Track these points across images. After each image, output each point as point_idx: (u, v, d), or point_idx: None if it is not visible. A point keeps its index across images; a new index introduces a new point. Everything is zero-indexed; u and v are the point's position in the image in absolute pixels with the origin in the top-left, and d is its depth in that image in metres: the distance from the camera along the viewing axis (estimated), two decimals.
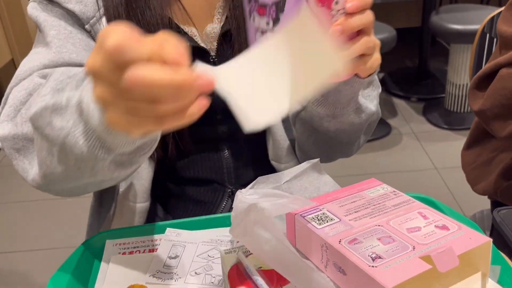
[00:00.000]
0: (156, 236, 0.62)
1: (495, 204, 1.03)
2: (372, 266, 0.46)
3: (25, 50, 2.82)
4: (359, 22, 0.51)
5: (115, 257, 0.60)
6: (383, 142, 2.45)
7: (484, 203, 1.15)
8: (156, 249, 0.60)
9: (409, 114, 2.68)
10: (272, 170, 0.79)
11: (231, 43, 0.73)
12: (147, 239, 0.62)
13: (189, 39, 0.73)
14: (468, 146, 1.10)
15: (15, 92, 0.63)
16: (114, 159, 0.50)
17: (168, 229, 0.62)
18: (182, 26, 0.73)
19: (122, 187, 0.76)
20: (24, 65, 0.67)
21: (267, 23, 0.50)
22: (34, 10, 0.70)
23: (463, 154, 1.11)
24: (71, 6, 0.68)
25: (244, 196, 0.55)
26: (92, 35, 0.70)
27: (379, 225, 0.52)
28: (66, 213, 2.04)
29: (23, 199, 2.20)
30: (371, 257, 0.47)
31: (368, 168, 2.26)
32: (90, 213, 0.86)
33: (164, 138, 0.74)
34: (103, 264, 0.59)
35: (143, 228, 0.64)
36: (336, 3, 0.50)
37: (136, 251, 0.60)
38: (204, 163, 0.82)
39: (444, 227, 0.51)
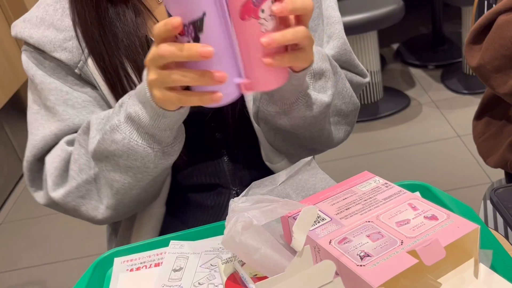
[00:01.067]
0: (161, 250, 0.64)
1: (510, 176, 1.01)
2: (360, 266, 0.47)
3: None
4: (291, 36, 0.51)
5: (123, 274, 0.62)
6: (403, 115, 2.42)
7: None
8: (161, 263, 0.62)
9: (427, 83, 2.63)
10: (269, 169, 0.81)
11: None
12: (152, 253, 0.64)
13: None
14: (477, 116, 1.07)
15: (49, 162, 0.74)
16: (162, 150, 0.66)
17: (171, 241, 0.64)
18: None
19: None
20: (36, 135, 0.76)
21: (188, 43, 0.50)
22: (28, 66, 0.77)
23: (473, 124, 1.09)
24: (58, 55, 0.74)
25: (236, 205, 0.57)
26: (82, 76, 0.76)
27: (369, 221, 0.53)
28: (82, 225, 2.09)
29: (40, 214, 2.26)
30: (359, 256, 0.48)
31: (391, 143, 2.24)
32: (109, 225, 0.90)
33: None
34: (112, 282, 0.61)
35: (149, 243, 0.66)
36: (263, 11, 0.49)
37: (143, 267, 0.62)
38: (207, 169, 0.85)
39: (433, 217, 0.51)
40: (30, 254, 2.04)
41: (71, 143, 0.75)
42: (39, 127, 0.76)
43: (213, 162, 0.84)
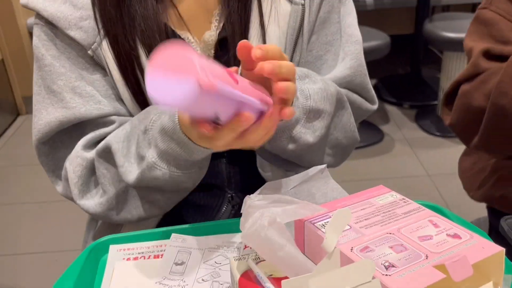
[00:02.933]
0: (161, 242, 0.61)
1: (493, 211, 1.03)
2: (386, 275, 0.46)
3: (16, 51, 2.78)
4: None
5: (119, 263, 0.58)
6: (375, 148, 2.46)
7: (479, 210, 1.15)
8: (161, 255, 0.59)
9: (401, 120, 2.70)
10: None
11: (227, 49, 0.74)
12: (152, 244, 0.61)
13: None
14: (466, 153, 1.10)
15: (71, 171, 0.73)
16: (199, 166, 0.70)
17: (173, 234, 0.61)
18: (178, 32, 0.73)
19: None
20: (40, 118, 0.74)
21: None
22: (39, 44, 0.73)
23: (461, 160, 1.11)
24: (72, 33, 0.71)
25: (253, 202, 0.54)
26: (95, 59, 0.73)
27: (390, 233, 0.52)
28: (68, 216, 2.00)
29: (15, 201, 2.17)
30: (384, 266, 0.47)
31: (361, 175, 2.26)
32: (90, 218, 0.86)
33: None
34: (107, 270, 0.57)
35: (148, 233, 0.63)
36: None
37: (141, 257, 0.59)
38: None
39: (456, 236, 0.51)
40: None
41: (87, 146, 0.74)
42: (41, 109, 0.74)
43: (212, 163, 0.82)
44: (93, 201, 0.73)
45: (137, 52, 0.71)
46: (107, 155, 0.71)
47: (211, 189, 0.83)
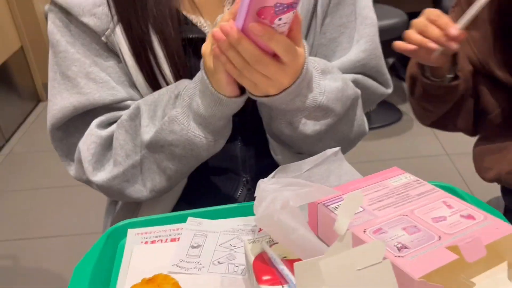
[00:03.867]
0: (178, 225, 0.62)
1: (505, 191, 1.02)
2: (399, 256, 0.46)
3: (35, 37, 2.81)
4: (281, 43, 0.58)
5: (137, 246, 0.60)
6: (394, 128, 2.44)
7: (497, 188, 1.14)
8: (178, 239, 0.60)
9: None
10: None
11: None
12: (168, 228, 0.62)
13: (198, 30, 0.73)
14: (480, 137, 1.09)
15: (84, 149, 0.74)
16: (215, 139, 0.70)
17: (189, 218, 0.62)
18: (190, 17, 0.73)
19: None
20: (55, 103, 0.75)
21: None
22: (54, 31, 0.74)
23: (475, 144, 1.10)
24: (86, 20, 0.72)
25: (266, 185, 0.55)
26: (108, 45, 0.74)
27: (403, 215, 0.52)
28: (89, 199, 2.04)
29: (37, 186, 2.22)
30: (396, 247, 0.47)
31: (379, 155, 2.25)
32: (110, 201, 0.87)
33: None
34: (126, 254, 0.59)
35: (165, 217, 0.64)
36: (280, 19, 0.55)
37: (158, 241, 0.60)
38: (222, 152, 0.83)
39: (469, 217, 0.51)
40: (1, 228, 1.98)
41: (101, 125, 0.75)
42: (56, 95, 0.75)
43: (227, 147, 0.83)
44: (106, 175, 0.73)
45: (149, 37, 0.72)
46: (131, 123, 0.71)
47: (226, 173, 0.83)
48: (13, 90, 2.80)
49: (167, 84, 0.73)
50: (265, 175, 0.60)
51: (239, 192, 0.83)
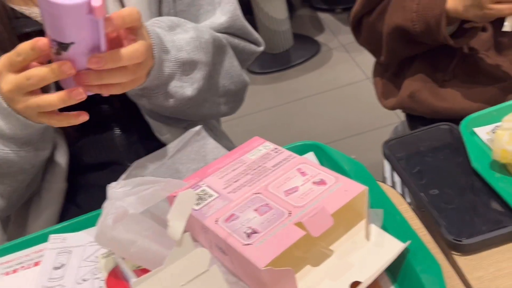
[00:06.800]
0: (41, 246, 0.58)
1: (409, 117, 1.03)
2: (247, 244, 0.44)
3: None
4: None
5: (1, 279, 0.55)
6: (314, 62, 2.41)
7: None
8: (40, 262, 0.56)
9: (336, 27, 2.63)
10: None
11: None
12: (30, 251, 0.58)
13: (33, 23, 0.66)
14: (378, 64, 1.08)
15: None
16: (35, 147, 0.65)
17: (51, 236, 0.57)
18: (21, 9, 0.65)
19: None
20: None
21: None
22: None
23: (375, 66, 1.09)
24: None
25: (114, 191, 0.51)
26: None
27: (257, 193, 0.50)
28: None
29: None
30: (246, 234, 0.45)
31: (305, 91, 2.23)
32: None
33: None
34: None
35: (25, 241, 0.59)
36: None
37: (20, 268, 0.56)
38: (98, 145, 0.79)
39: (321, 182, 0.49)
40: None
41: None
42: None
43: (105, 138, 0.78)
44: None
45: None
46: None
47: (109, 166, 0.79)
48: None
49: None
50: None
51: None
